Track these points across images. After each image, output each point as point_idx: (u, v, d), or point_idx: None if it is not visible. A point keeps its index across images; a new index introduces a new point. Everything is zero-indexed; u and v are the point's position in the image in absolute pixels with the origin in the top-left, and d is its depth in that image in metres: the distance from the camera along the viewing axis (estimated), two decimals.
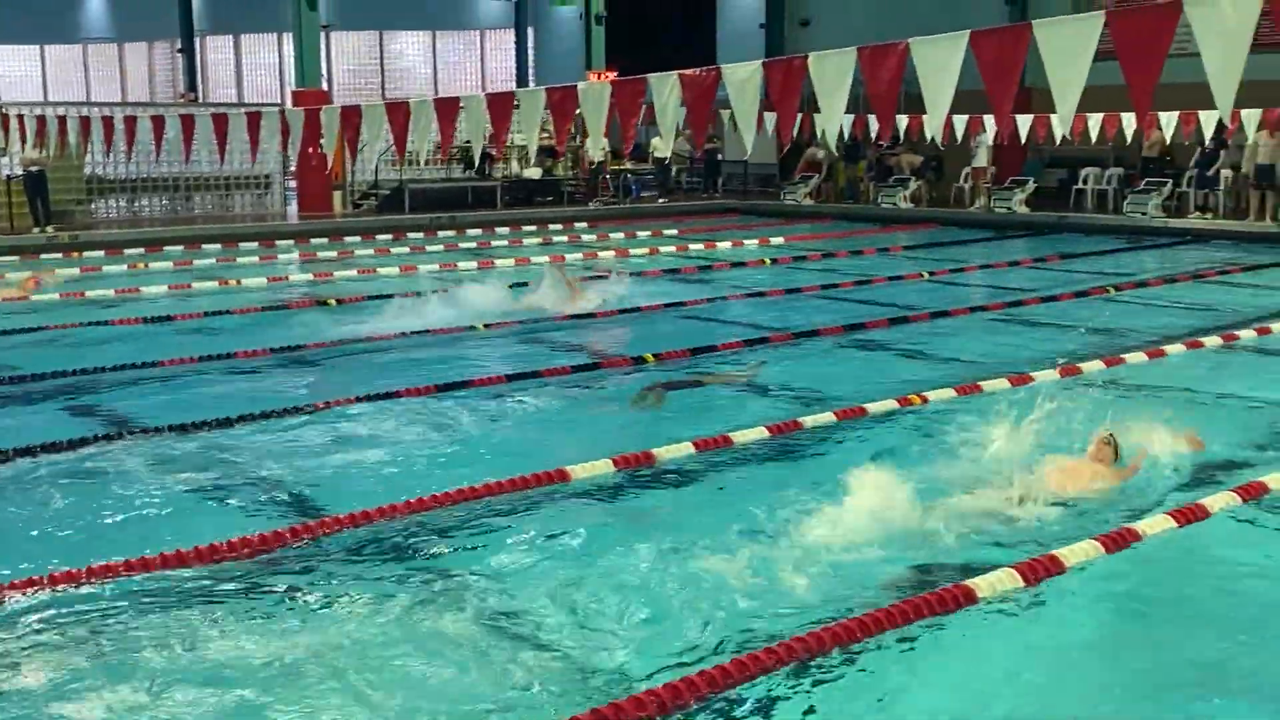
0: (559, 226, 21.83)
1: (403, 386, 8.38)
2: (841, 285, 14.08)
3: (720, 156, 27.90)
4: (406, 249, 18.38)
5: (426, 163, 24.51)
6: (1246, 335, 10.39)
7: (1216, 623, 4.71)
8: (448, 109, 11.35)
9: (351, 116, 12.26)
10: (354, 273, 15.44)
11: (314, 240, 19.08)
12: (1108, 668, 4.34)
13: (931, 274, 15.12)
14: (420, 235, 20.21)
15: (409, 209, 22.71)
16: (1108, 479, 6.15)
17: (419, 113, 11.44)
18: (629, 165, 27.07)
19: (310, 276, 15.14)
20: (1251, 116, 18.72)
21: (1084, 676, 4.28)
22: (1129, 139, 20.72)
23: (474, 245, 19.31)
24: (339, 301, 12.90)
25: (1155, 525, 5.43)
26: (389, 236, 19.68)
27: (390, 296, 12.97)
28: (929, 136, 20.38)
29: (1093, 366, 9.03)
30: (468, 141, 20.81)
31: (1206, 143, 20.24)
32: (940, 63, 7.21)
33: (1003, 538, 5.48)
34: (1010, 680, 4.26)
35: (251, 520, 5.81)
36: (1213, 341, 10.11)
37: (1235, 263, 15.93)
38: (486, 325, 11.10)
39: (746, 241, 18.99)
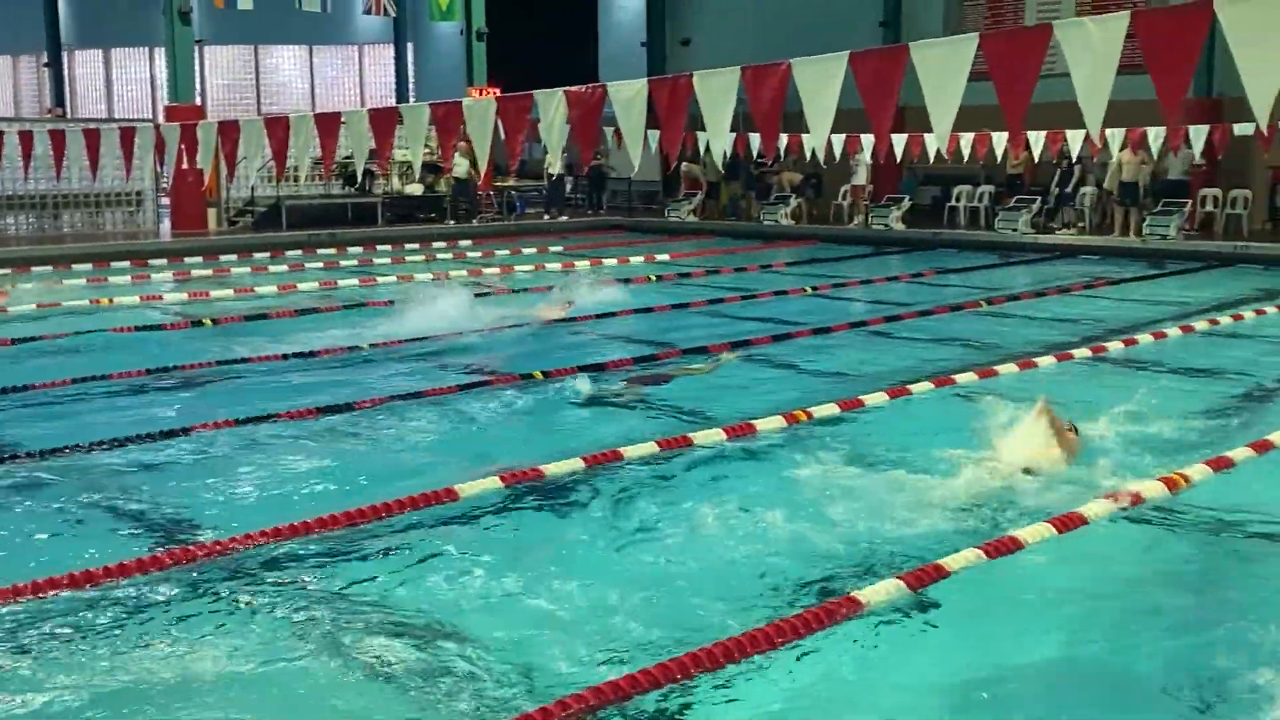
0: (443, 244, 21.67)
1: (284, 409, 8.22)
2: (727, 300, 14.21)
3: (606, 173, 28.03)
4: (285, 267, 18.05)
5: (306, 179, 24.13)
6: (1114, 347, 10.78)
7: (1089, 631, 4.86)
8: (329, 125, 11.21)
9: (230, 132, 12.03)
10: (231, 292, 15.12)
11: (188, 259, 18.64)
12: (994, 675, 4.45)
13: (815, 289, 15.37)
14: (299, 253, 19.90)
15: (286, 226, 22.34)
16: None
17: (299, 128, 11.29)
18: (512, 182, 26.99)
19: (185, 296, 14.77)
20: (1116, 135, 19.47)
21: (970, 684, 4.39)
22: (999, 157, 21.42)
23: (355, 263, 19.06)
24: (215, 321, 12.61)
25: (1035, 533, 5.57)
26: (266, 254, 19.33)
27: (264, 316, 12.79)
28: (808, 154, 20.80)
29: (967, 378, 9.26)
30: (348, 157, 20.55)
31: (1072, 160, 21.03)
32: (821, 82, 7.37)
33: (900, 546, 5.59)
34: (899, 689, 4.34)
35: (127, 546, 5.63)
36: (1082, 353, 10.46)
37: (1102, 277, 16.52)
38: (372, 345, 10.95)
39: (632, 258, 19.08)
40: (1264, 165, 21.12)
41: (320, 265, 18.36)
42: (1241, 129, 18.99)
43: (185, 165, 13.92)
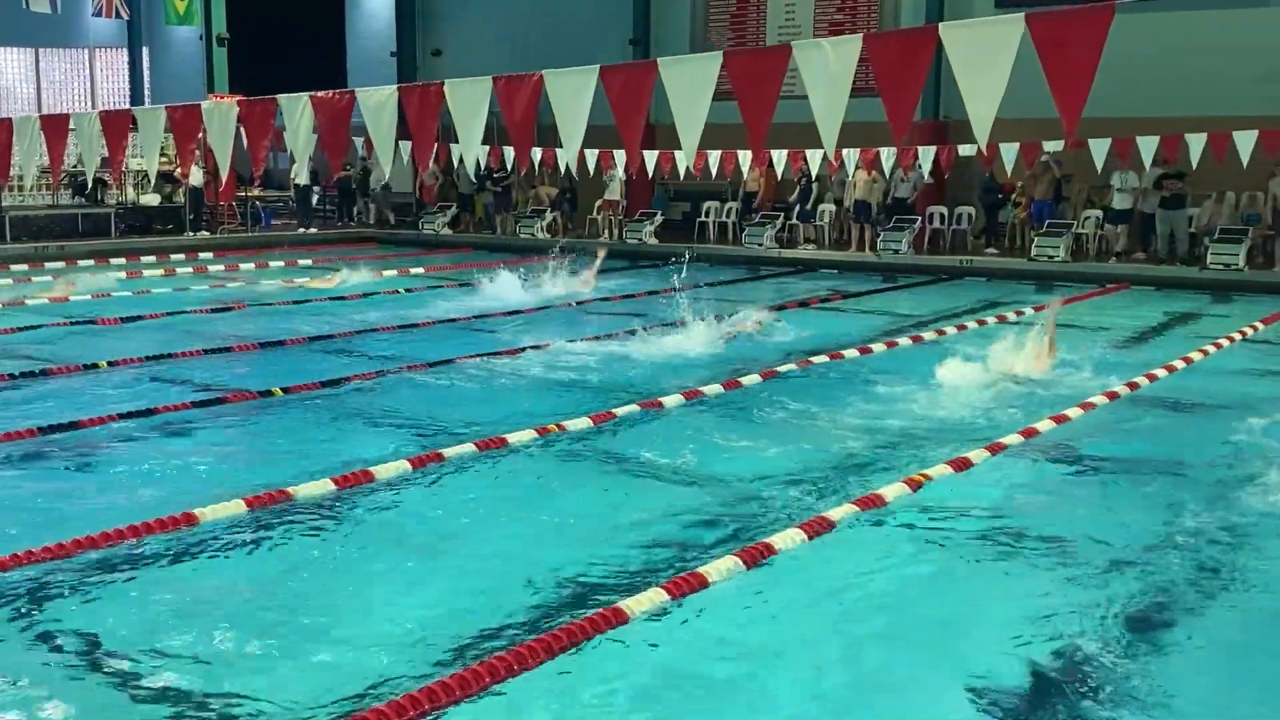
0: (182, 256, 20.73)
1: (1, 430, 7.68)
2: (493, 315, 14.02)
3: (355, 184, 27.43)
4: (9, 281, 16.91)
5: (32, 188, 22.71)
6: (850, 355, 11.29)
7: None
8: (57, 128, 10.55)
9: None
10: None
11: None
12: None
13: (579, 303, 15.40)
14: (25, 267, 18.70)
15: (9, 238, 21.01)
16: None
17: (23, 131, 10.56)
18: (257, 192, 26.08)
19: None
20: (851, 155, 20.42)
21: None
22: (745, 175, 22.14)
23: (87, 277, 17.99)
24: None
25: (786, 539, 5.75)
26: None
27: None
28: (563, 168, 20.95)
29: (712, 389, 9.47)
30: (78, 165, 19.41)
31: (812, 178, 21.94)
32: (573, 95, 7.43)
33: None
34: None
35: None
36: (820, 360, 10.90)
37: (839, 290, 17.30)
38: (111, 363, 10.32)
39: (385, 271, 18.71)
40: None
41: (49, 279, 17.26)
42: (965, 149, 20.21)
43: None
